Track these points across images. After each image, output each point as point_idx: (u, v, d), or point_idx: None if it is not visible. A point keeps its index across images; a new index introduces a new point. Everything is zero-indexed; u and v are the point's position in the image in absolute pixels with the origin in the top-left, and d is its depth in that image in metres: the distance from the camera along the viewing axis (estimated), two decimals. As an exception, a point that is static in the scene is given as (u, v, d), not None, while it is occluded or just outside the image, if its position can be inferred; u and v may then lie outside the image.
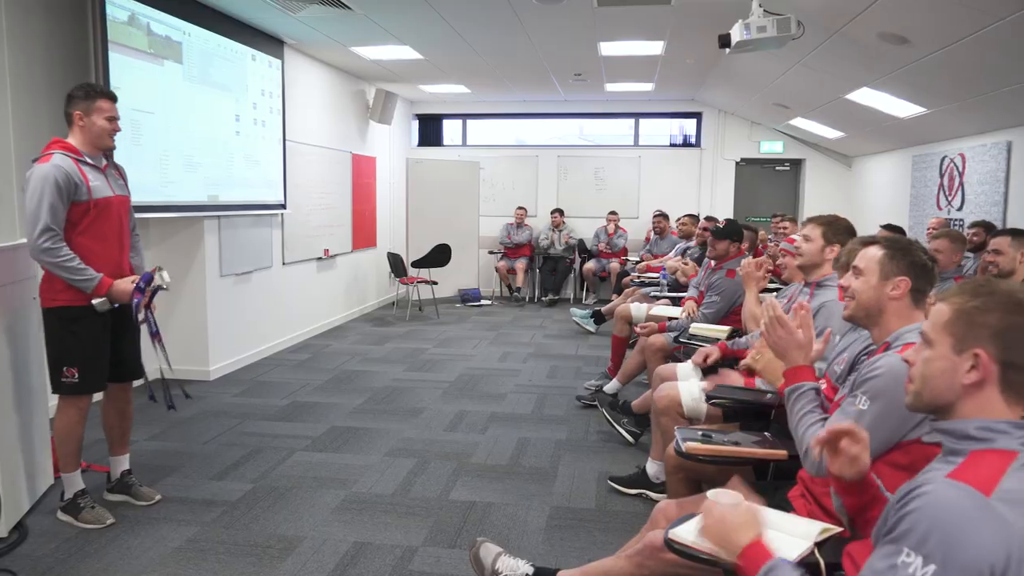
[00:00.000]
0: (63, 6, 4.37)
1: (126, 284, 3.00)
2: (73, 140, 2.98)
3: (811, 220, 3.01)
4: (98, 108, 2.97)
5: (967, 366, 1.24)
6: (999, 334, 1.22)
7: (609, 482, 3.56)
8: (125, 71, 4.52)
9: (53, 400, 3.58)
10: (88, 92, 2.98)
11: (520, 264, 9.81)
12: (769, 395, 2.71)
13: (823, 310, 2.76)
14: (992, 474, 1.15)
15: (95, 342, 3.03)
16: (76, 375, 2.98)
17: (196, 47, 5.23)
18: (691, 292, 4.96)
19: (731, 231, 4.35)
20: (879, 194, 8.53)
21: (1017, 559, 1.07)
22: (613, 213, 9.71)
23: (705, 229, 4.54)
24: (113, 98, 3.04)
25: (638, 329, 4.68)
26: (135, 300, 3.02)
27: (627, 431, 4.14)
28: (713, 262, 4.50)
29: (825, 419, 1.93)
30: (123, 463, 3.33)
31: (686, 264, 6.25)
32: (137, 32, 4.63)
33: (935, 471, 1.22)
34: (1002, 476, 1.14)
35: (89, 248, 2.95)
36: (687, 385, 3.13)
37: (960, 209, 6.33)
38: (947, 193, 6.61)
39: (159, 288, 3.10)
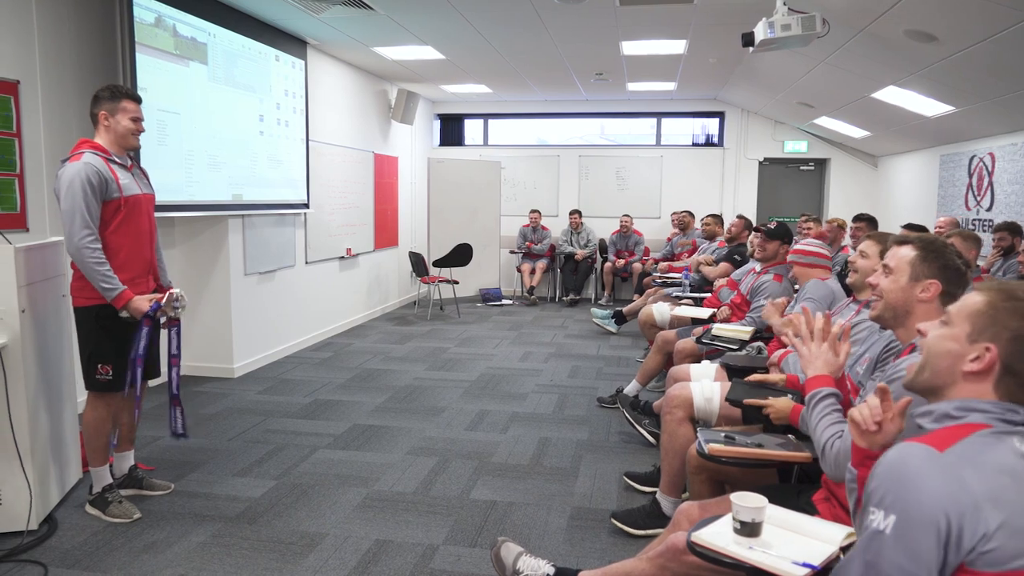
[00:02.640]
0: (92, 8, 4.44)
1: (142, 303, 3.02)
2: (100, 140, 3.03)
3: (869, 237, 2.90)
4: (123, 108, 3.02)
5: (973, 355, 1.30)
6: (1016, 339, 1.28)
7: (625, 477, 3.56)
8: (152, 72, 4.58)
9: (83, 395, 3.65)
10: (114, 93, 3.04)
11: (541, 264, 9.80)
12: (789, 396, 2.68)
13: (868, 327, 2.70)
14: (951, 438, 1.21)
15: (128, 340, 3.07)
16: (110, 372, 3.04)
17: (221, 48, 5.29)
18: (724, 297, 4.91)
19: (782, 232, 4.33)
20: (906, 194, 8.41)
21: (972, 517, 1.12)
22: (626, 216, 9.69)
23: (756, 230, 4.54)
24: (137, 99, 3.10)
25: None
26: (144, 329, 3.05)
27: (648, 432, 4.12)
28: (759, 266, 4.46)
29: (845, 422, 1.92)
30: (129, 458, 3.38)
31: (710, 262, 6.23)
32: (163, 33, 4.70)
33: None
34: (961, 439, 1.21)
35: (121, 245, 3.00)
36: (700, 385, 3.10)
37: (989, 210, 6.23)
38: (976, 193, 6.50)
39: (167, 314, 3.14)
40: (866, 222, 6.05)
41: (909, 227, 5.08)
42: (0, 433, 2.82)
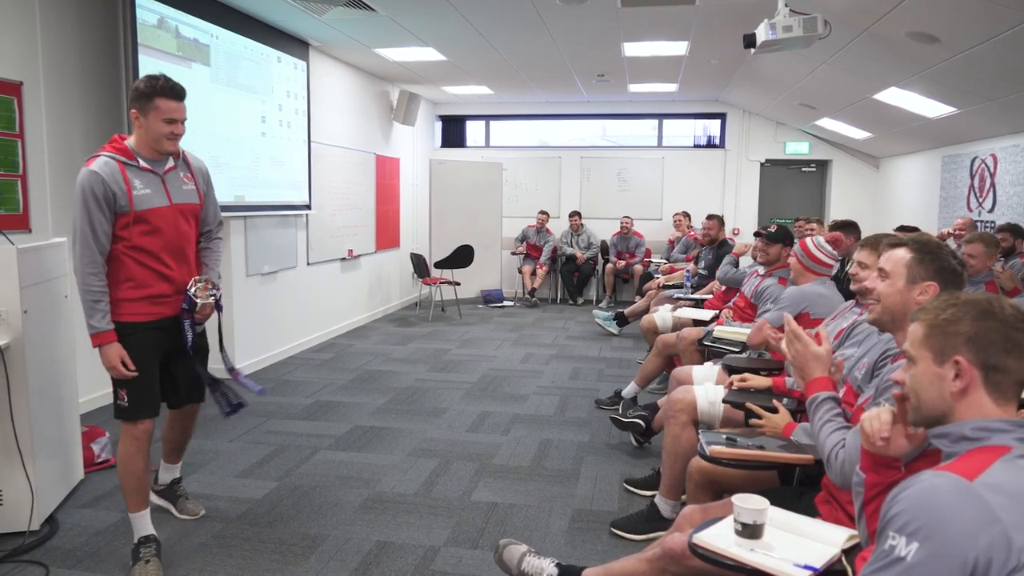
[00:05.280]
0: (95, 10, 4.44)
1: (114, 356, 2.62)
2: (133, 139, 2.68)
3: (863, 245, 2.74)
4: (155, 108, 2.59)
5: (951, 375, 1.30)
6: (972, 339, 1.29)
7: (625, 485, 3.55)
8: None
9: (85, 396, 3.66)
10: (149, 88, 2.60)
11: (542, 266, 9.79)
12: (785, 400, 2.68)
13: (867, 329, 2.69)
14: (978, 465, 1.19)
15: (138, 365, 2.69)
16: (125, 398, 2.71)
17: (223, 49, 5.29)
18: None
19: (783, 235, 4.29)
20: (907, 196, 8.41)
21: (1002, 549, 1.08)
22: (626, 217, 9.69)
23: (757, 234, 4.47)
24: (178, 96, 2.64)
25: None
26: (185, 322, 2.78)
27: (630, 419, 4.00)
28: (761, 269, 4.43)
29: (847, 427, 1.91)
30: (174, 471, 3.17)
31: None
32: (166, 35, 4.70)
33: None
34: (988, 466, 1.18)
35: (137, 260, 2.67)
36: (703, 389, 3.10)
37: (991, 211, 6.22)
38: (978, 194, 6.49)
39: (205, 302, 2.89)
40: (845, 228, 5.59)
41: (902, 229, 5.06)
42: (2, 434, 2.83)
